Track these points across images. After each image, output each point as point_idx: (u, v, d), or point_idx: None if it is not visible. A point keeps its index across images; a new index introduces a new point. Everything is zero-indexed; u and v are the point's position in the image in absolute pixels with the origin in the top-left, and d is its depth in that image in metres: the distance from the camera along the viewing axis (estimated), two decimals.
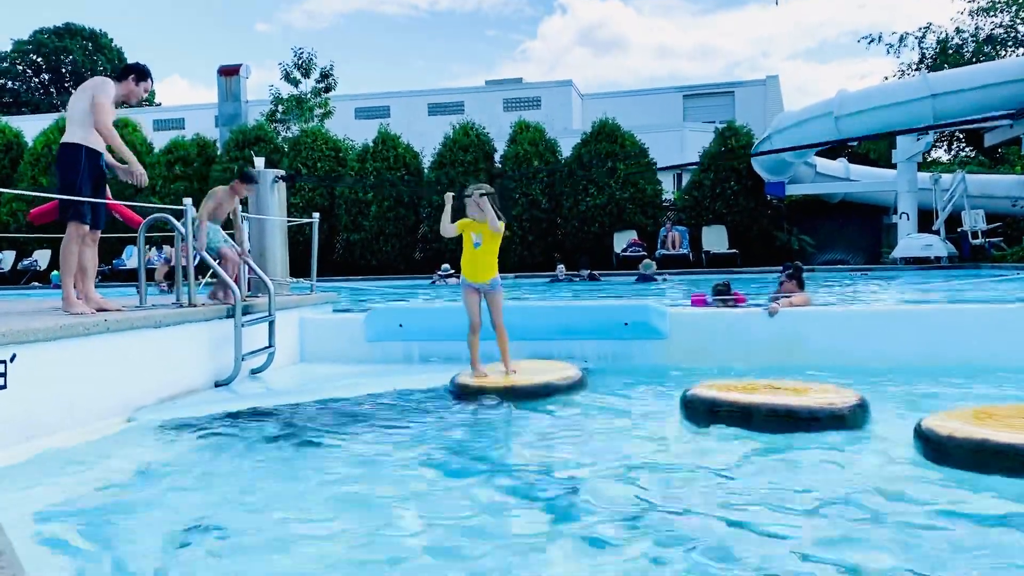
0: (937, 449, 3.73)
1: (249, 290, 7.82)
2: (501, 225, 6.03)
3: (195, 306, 6.42)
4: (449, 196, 6.43)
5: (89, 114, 5.79)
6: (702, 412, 4.64)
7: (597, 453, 4.13)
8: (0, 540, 1.98)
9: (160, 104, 52.70)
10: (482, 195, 6.02)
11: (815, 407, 4.38)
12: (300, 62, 30.26)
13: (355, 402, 5.70)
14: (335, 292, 9.86)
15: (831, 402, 4.45)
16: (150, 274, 15.80)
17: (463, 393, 5.78)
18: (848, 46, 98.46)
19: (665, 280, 16.79)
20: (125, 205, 6.84)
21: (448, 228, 6.26)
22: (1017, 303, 7.10)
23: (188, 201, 6.45)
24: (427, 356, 7.49)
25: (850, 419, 4.38)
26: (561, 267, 18.62)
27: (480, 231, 6.11)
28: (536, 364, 6.50)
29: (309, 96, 30.17)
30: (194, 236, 6.61)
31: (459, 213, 6.34)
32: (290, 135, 27.24)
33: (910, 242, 19.79)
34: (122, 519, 3.28)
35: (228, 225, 7.57)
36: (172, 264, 18.74)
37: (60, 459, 4.24)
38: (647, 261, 17.86)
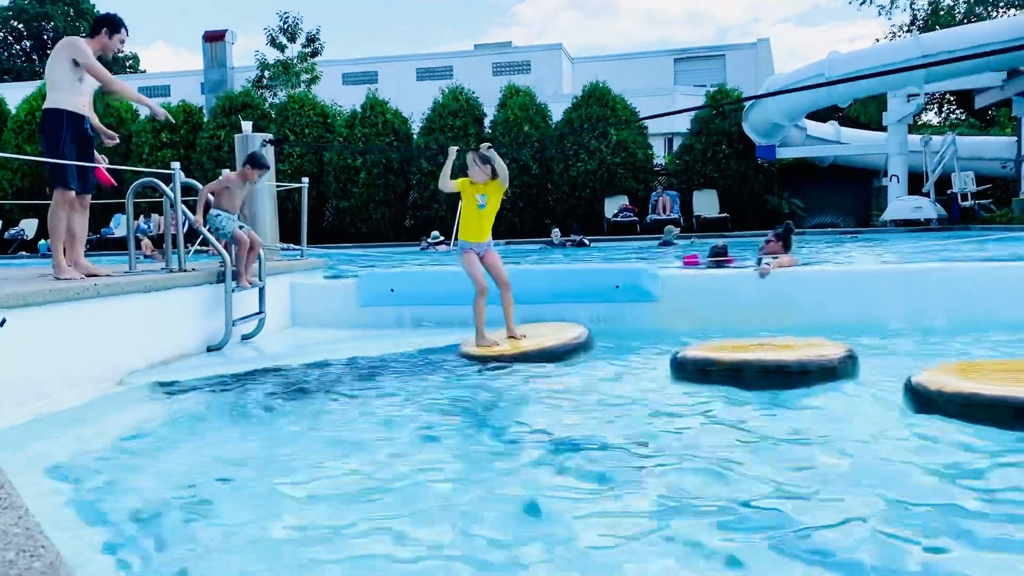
0: (927, 403, 3.78)
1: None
2: (507, 175, 5.99)
3: (185, 271, 6.40)
4: (453, 149, 6.33)
5: (67, 77, 5.69)
6: (693, 372, 4.67)
7: (589, 415, 4.15)
8: None
9: (145, 71, 52.04)
10: (489, 147, 5.96)
11: (805, 360, 4.42)
12: (286, 27, 29.89)
13: (347, 366, 5.70)
14: (325, 258, 9.83)
15: (821, 354, 4.48)
16: (139, 242, 15.71)
17: (470, 362, 5.64)
18: (839, 9, 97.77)
19: (692, 244, 16.79)
20: (105, 168, 6.73)
21: (448, 183, 6.12)
22: (1001, 262, 7.15)
23: (176, 165, 6.39)
24: (419, 320, 7.49)
25: (840, 371, 4.42)
26: (556, 231, 18.59)
27: (484, 191, 5.99)
28: (540, 328, 6.40)
29: (296, 61, 29.84)
30: (192, 211, 6.53)
31: (460, 172, 6.28)
32: (277, 101, 26.96)
33: (900, 204, 19.84)
34: (117, 480, 3.30)
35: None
36: (153, 236, 18.64)
37: (53, 422, 4.25)
38: (669, 227, 17.93)
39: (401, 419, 4.12)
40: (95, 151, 6.20)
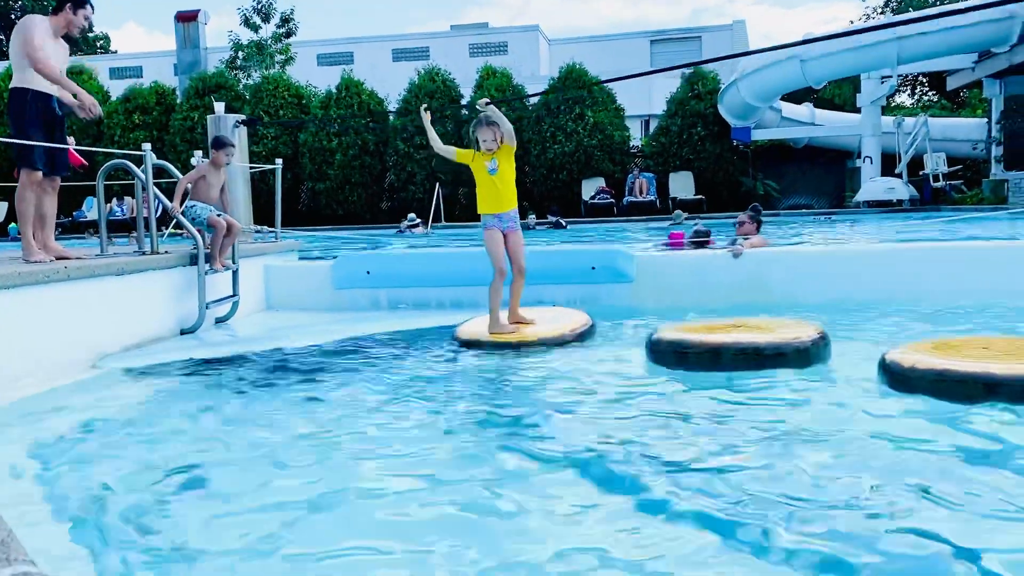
0: (901, 379, 3.85)
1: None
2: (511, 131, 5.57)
3: (158, 254, 6.35)
4: (424, 110, 5.97)
5: (25, 56, 5.60)
6: (669, 354, 4.68)
7: (564, 396, 4.19)
8: None
9: (116, 52, 51.18)
10: (488, 103, 5.59)
11: (780, 343, 4.47)
12: (260, 7, 29.51)
13: (322, 349, 5.69)
14: (300, 240, 9.78)
15: (796, 336, 4.53)
16: (111, 225, 15.50)
17: (472, 347, 5.41)
18: None
19: (696, 223, 16.78)
20: (75, 149, 6.63)
21: (442, 146, 5.80)
22: (972, 242, 7.27)
23: (147, 147, 6.32)
24: (395, 303, 7.49)
25: (814, 352, 4.47)
26: (532, 216, 18.60)
27: (492, 156, 5.58)
28: (545, 312, 6.20)
29: (270, 42, 29.49)
30: (170, 199, 6.47)
31: (453, 140, 6.06)
32: (251, 82, 26.66)
33: (873, 185, 20.03)
34: (87, 464, 3.28)
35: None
36: (126, 219, 18.37)
37: (24, 407, 4.21)
38: (678, 211, 17.97)
39: (378, 403, 4.11)
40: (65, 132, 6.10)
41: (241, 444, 3.46)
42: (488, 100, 5.67)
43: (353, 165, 23.44)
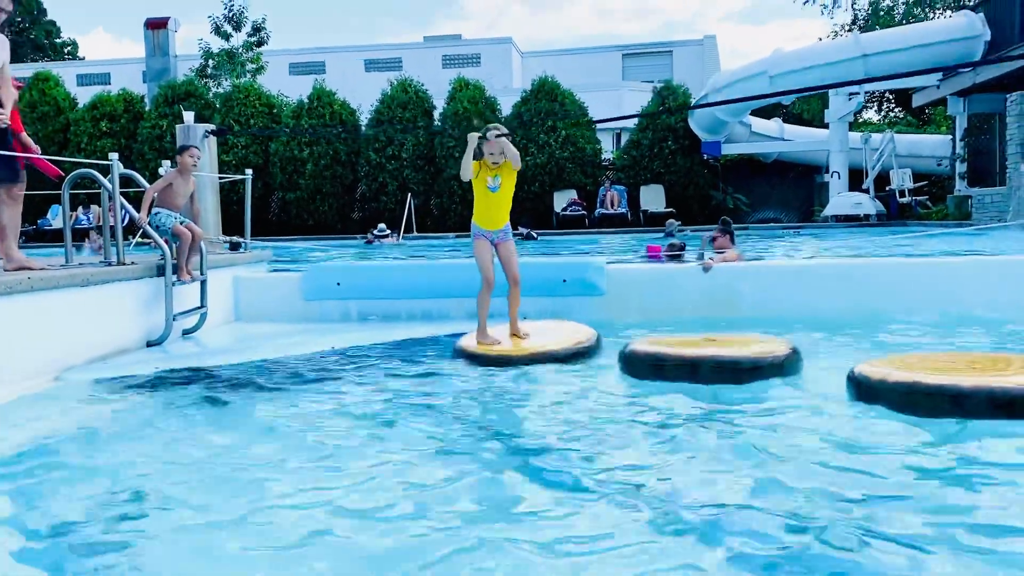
0: (869, 393, 3.89)
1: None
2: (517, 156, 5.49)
3: (124, 264, 6.25)
4: (474, 137, 5.61)
5: None
6: (646, 367, 4.67)
7: (536, 411, 4.18)
8: None
9: (83, 58, 50.56)
10: (498, 136, 5.46)
11: (756, 357, 4.49)
12: (231, 15, 29.32)
13: (292, 361, 5.62)
14: (269, 250, 9.69)
15: (772, 351, 4.56)
16: (76, 234, 15.26)
17: (471, 361, 5.29)
18: (782, 7, 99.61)
19: (685, 233, 16.82)
20: (43, 158, 6.50)
21: (470, 171, 5.59)
22: (937, 257, 7.38)
23: (114, 156, 6.23)
24: (366, 314, 7.44)
25: (787, 367, 4.51)
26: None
27: (496, 173, 5.55)
28: (548, 325, 6.08)
29: (241, 51, 29.30)
30: (137, 209, 6.38)
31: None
32: (221, 91, 26.46)
33: (841, 200, 20.31)
34: (47, 480, 3.21)
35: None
36: (93, 228, 18.09)
37: None
38: (671, 220, 18.01)
39: (347, 415, 4.07)
40: (29, 140, 5.97)
41: (206, 461, 3.39)
42: (501, 133, 5.47)
43: (324, 175, 23.32)
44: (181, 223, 6.62)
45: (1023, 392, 3.51)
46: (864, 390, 3.93)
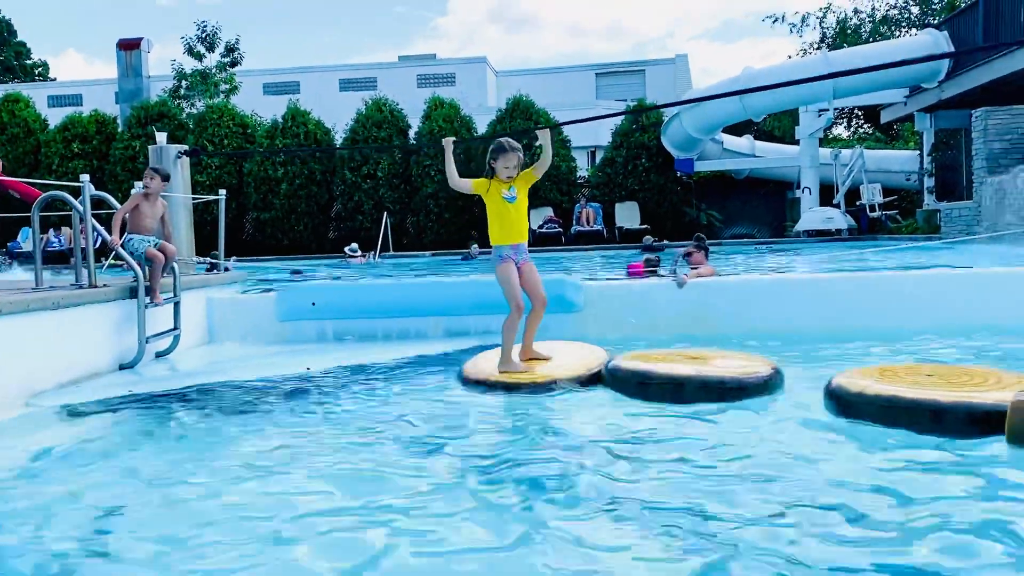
0: (847, 406, 3.94)
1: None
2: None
3: (96, 287, 6.18)
4: (448, 141, 5.54)
5: None
6: (632, 384, 4.68)
7: (524, 429, 4.16)
8: None
9: (55, 79, 50.16)
10: (535, 139, 5.31)
11: (741, 376, 4.52)
12: (204, 35, 29.23)
13: (266, 383, 5.56)
14: (244, 271, 9.63)
15: (756, 370, 4.60)
16: (47, 257, 15.10)
17: (477, 386, 5.02)
18: (751, 26, 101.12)
19: (664, 249, 16.86)
20: (22, 181, 6.44)
21: (460, 180, 5.45)
22: (909, 271, 7.48)
23: (85, 178, 6.18)
24: (341, 334, 7.40)
25: (771, 385, 4.55)
26: (475, 245, 18.60)
27: (511, 184, 5.28)
28: (564, 347, 5.85)
29: (214, 71, 29.20)
30: (108, 231, 6.32)
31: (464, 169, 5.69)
32: (195, 111, 26.33)
33: (812, 215, 20.55)
34: (22, 507, 3.15)
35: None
36: (64, 250, 17.86)
37: None
38: (647, 236, 18.08)
39: (321, 440, 4.03)
40: None
41: (180, 487, 3.34)
42: (534, 130, 5.32)
43: (299, 195, 23.25)
44: (155, 246, 6.57)
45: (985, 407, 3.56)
46: (842, 403, 3.97)
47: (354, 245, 18.79)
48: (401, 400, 4.88)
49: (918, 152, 22.99)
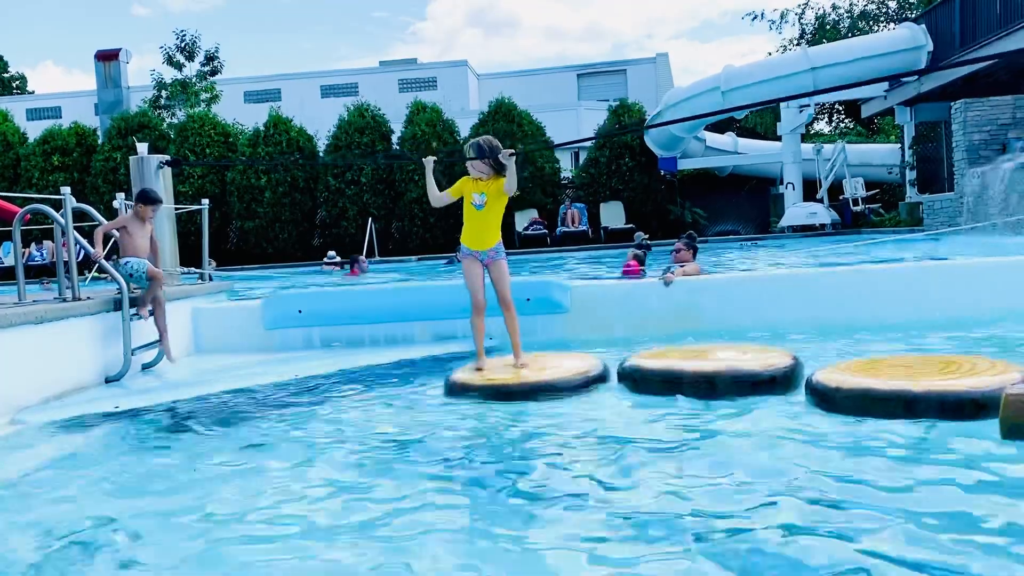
0: (827, 400, 3.99)
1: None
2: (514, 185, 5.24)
3: (80, 300, 6.13)
4: (429, 160, 5.50)
5: None
6: (655, 383, 4.64)
7: (535, 445, 4.15)
8: None
9: (33, 92, 49.78)
10: (511, 155, 5.25)
11: (767, 370, 4.52)
12: (183, 45, 29.13)
13: (253, 393, 5.53)
14: (229, 281, 9.58)
15: (782, 363, 4.59)
16: (28, 270, 14.97)
17: (462, 393, 4.89)
18: (730, 25, 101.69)
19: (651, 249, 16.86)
20: (3, 196, 6.38)
21: (439, 196, 5.42)
22: (892, 264, 7.52)
23: (67, 190, 6.13)
24: (329, 341, 7.37)
25: (793, 377, 4.54)
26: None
27: (484, 190, 5.25)
28: (555, 357, 5.59)
29: (194, 80, 29.08)
30: (91, 244, 6.26)
31: (445, 182, 5.66)
32: (176, 121, 26.22)
33: (796, 211, 20.66)
34: (8, 523, 3.12)
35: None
36: (46, 264, 17.73)
37: None
38: (638, 234, 18.09)
39: (313, 450, 3.98)
40: None
41: (166, 499, 3.31)
42: (513, 152, 5.32)
43: (283, 203, 23.17)
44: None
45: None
46: (821, 396, 4.02)
47: (331, 253, 18.68)
48: (392, 406, 4.85)
49: (899, 145, 23.17)
